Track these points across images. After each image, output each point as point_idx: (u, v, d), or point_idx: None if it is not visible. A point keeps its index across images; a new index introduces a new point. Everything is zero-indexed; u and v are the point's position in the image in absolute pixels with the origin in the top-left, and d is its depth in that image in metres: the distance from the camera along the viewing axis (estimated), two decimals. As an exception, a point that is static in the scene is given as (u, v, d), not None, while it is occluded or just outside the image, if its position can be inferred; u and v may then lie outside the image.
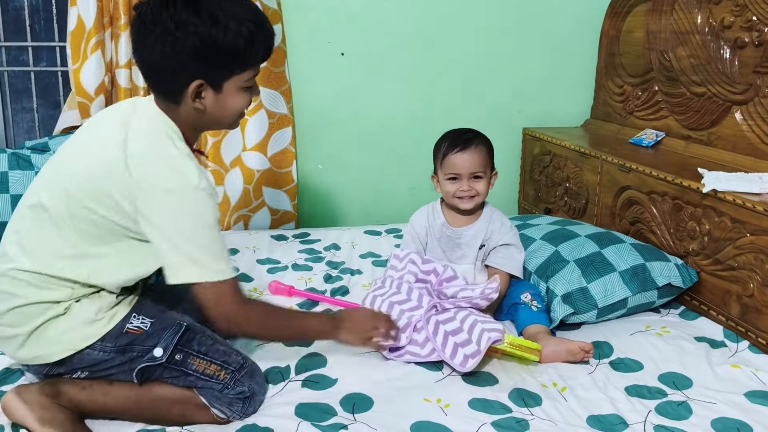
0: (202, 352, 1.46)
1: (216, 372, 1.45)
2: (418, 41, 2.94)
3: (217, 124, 1.46)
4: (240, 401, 1.45)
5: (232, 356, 1.49)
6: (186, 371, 1.44)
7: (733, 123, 2.21)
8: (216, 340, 1.51)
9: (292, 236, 2.67)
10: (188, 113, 1.41)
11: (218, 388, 1.44)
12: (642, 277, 1.92)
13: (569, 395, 1.56)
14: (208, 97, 1.38)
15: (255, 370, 1.52)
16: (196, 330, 1.49)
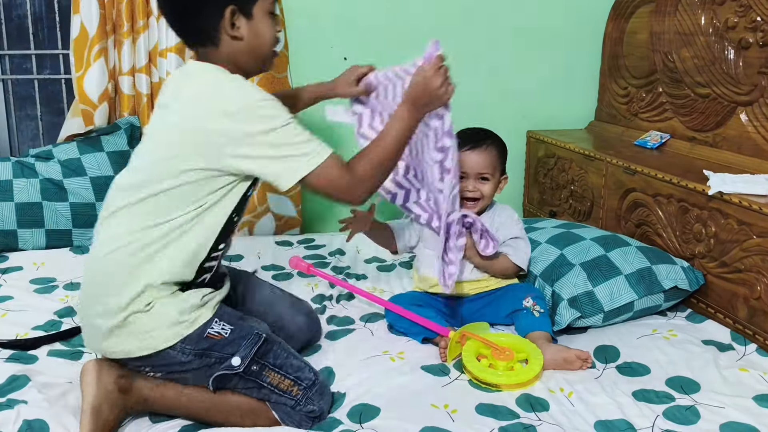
0: (277, 366, 1.47)
1: (289, 387, 1.46)
2: (420, 45, 2.92)
3: (256, 57, 1.50)
4: (309, 420, 1.46)
5: (305, 372, 1.50)
6: (261, 383, 1.46)
7: (739, 124, 2.20)
8: (290, 353, 1.51)
9: (296, 242, 2.67)
10: (228, 50, 1.46)
11: (290, 404, 1.46)
12: (648, 280, 1.91)
13: (576, 400, 1.56)
14: (242, 25, 1.44)
15: (325, 388, 1.53)
16: (273, 342, 1.50)
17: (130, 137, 2.65)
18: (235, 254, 2.50)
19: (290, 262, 2.19)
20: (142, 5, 2.60)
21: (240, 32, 1.45)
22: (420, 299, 1.92)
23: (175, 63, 2.61)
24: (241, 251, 2.53)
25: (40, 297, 2.09)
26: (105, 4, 2.56)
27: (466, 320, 1.88)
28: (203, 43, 1.47)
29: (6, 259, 2.39)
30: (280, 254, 2.51)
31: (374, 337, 1.85)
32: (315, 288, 2.19)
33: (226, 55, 1.46)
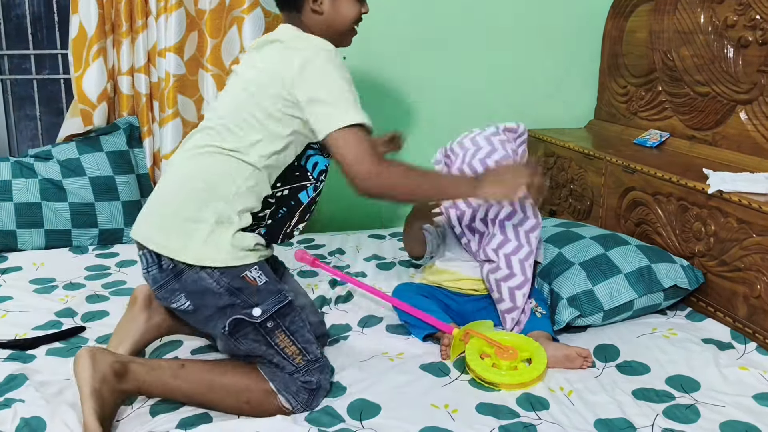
0: (290, 330, 1.51)
1: (294, 354, 1.50)
2: (419, 44, 2.94)
3: (334, 30, 1.58)
4: (306, 392, 1.49)
5: (313, 347, 1.53)
6: (270, 341, 1.50)
7: (738, 123, 2.20)
8: (306, 325, 1.55)
9: (296, 241, 2.67)
10: (307, 20, 1.57)
11: (290, 370, 1.49)
12: (648, 279, 1.91)
13: (576, 399, 1.56)
14: (325, 1, 1.55)
15: (326, 366, 1.57)
16: (295, 308, 1.54)
17: (129, 137, 2.65)
18: (235, 254, 2.49)
19: (296, 256, 2.18)
20: (140, 5, 2.60)
21: (321, 7, 1.55)
22: (425, 290, 1.93)
23: (174, 63, 2.61)
24: (241, 251, 2.52)
25: (39, 297, 2.09)
26: (104, 4, 2.56)
27: (469, 317, 1.88)
28: (289, 8, 1.59)
29: (5, 259, 2.39)
30: (279, 254, 2.50)
31: (373, 339, 1.84)
32: (315, 289, 2.18)
33: (305, 23, 1.58)
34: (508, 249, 1.81)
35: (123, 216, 2.58)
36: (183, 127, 2.69)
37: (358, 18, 1.61)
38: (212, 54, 2.70)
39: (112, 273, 2.31)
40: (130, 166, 2.63)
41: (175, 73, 2.62)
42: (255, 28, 2.67)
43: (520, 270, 1.79)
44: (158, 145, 2.73)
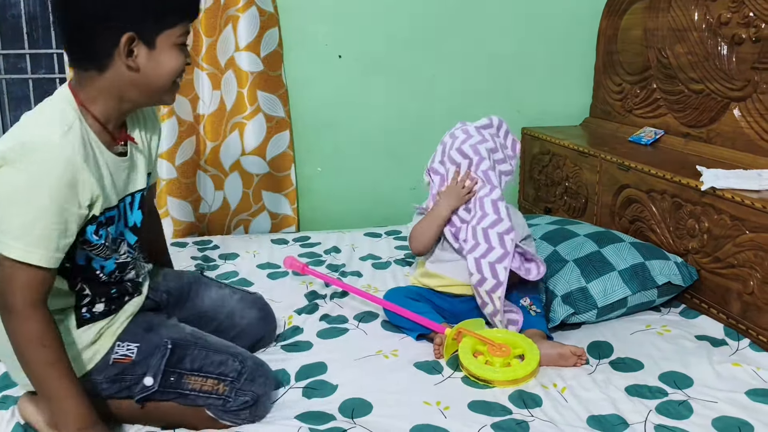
0: (195, 369, 1.42)
1: (214, 387, 1.42)
2: (415, 42, 2.94)
3: (151, 88, 1.34)
4: (246, 409, 1.43)
5: (228, 365, 1.44)
6: (182, 392, 1.41)
7: (732, 120, 2.20)
8: (210, 350, 1.46)
9: (292, 240, 2.67)
10: (117, 78, 1.31)
11: (219, 404, 1.42)
12: (642, 276, 1.91)
13: (569, 396, 1.56)
14: (141, 54, 1.30)
15: (255, 372, 1.47)
16: (187, 345, 1.45)
17: (125, 136, 2.65)
18: (231, 252, 2.50)
19: (285, 262, 2.20)
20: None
21: (137, 62, 1.30)
22: (416, 293, 1.93)
23: (169, 62, 2.61)
24: (236, 250, 2.53)
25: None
26: (98, 4, 2.56)
27: (461, 317, 1.88)
28: (85, 66, 1.31)
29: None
30: (275, 252, 2.51)
31: (368, 337, 1.85)
32: (309, 286, 2.19)
33: (110, 83, 1.31)
34: (477, 253, 1.78)
35: (119, 215, 2.57)
36: (179, 126, 2.69)
37: (181, 70, 1.36)
38: (207, 53, 2.70)
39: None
40: (125, 166, 2.63)
41: (170, 72, 2.62)
42: (250, 27, 2.67)
43: (490, 273, 1.75)
44: (154, 144, 2.73)
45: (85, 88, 1.32)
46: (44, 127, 1.25)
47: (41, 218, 1.21)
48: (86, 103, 1.32)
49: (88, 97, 1.32)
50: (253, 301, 1.80)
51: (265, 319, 1.80)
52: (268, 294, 2.12)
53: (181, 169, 2.74)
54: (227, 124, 2.79)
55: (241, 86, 2.74)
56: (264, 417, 1.47)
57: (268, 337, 1.81)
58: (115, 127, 1.38)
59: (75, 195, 1.25)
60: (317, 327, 1.91)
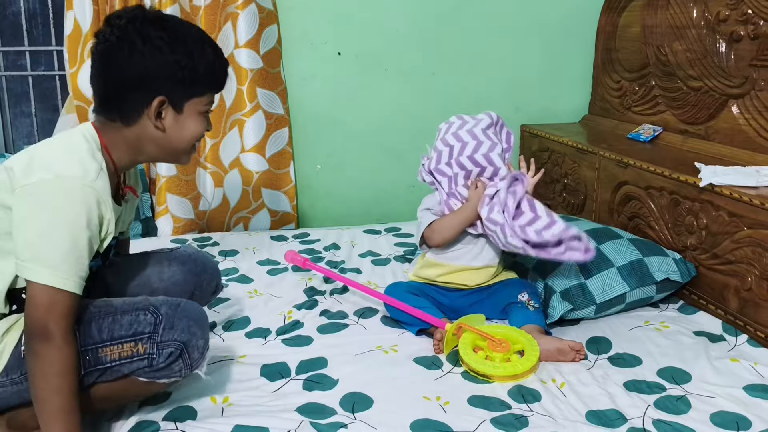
0: (107, 339, 1.33)
1: (132, 350, 1.33)
2: (414, 39, 2.94)
3: (171, 149, 1.43)
4: (177, 360, 1.35)
5: (140, 319, 1.34)
6: (104, 367, 1.34)
7: (730, 117, 2.21)
8: (116, 313, 1.36)
9: (291, 236, 2.68)
10: (141, 133, 1.39)
11: (144, 365, 1.34)
12: (640, 272, 1.92)
13: (568, 391, 1.57)
14: (169, 116, 1.39)
15: (174, 317, 1.35)
16: (90, 319, 1.35)
17: (125, 133, 2.66)
18: (230, 249, 2.51)
19: (286, 257, 2.20)
20: (135, 1, 2.60)
21: (164, 123, 1.38)
22: (417, 288, 1.93)
23: (169, 59, 2.61)
24: (236, 246, 2.53)
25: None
26: (99, 0, 2.56)
27: (461, 312, 1.89)
28: (113, 118, 1.38)
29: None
30: (274, 249, 2.52)
31: (368, 332, 1.86)
32: (309, 281, 2.20)
33: (133, 136, 1.39)
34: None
35: (118, 212, 2.58)
36: (178, 123, 2.70)
37: (201, 135, 1.45)
38: (207, 50, 2.70)
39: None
40: (125, 163, 2.63)
41: (169, 69, 2.63)
42: (249, 24, 2.68)
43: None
44: (153, 141, 2.74)
45: (109, 134, 1.39)
46: (80, 160, 1.31)
47: (76, 248, 1.27)
48: (108, 146, 1.39)
49: (110, 141, 1.39)
50: (174, 257, 1.70)
51: (192, 271, 1.69)
52: (268, 289, 2.14)
53: (180, 166, 2.74)
54: (227, 121, 2.79)
55: (241, 83, 2.74)
56: (203, 363, 1.40)
57: (203, 290, 1.71)
58: (121, 175, 1.47)
59: (99, 231, 1.33)
60: (317, 322, 1.92)
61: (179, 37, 1.36)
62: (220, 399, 1.53)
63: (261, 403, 1.51)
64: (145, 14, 1.36)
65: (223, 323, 1.91)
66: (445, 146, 1.90)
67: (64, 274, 1.25)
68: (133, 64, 1.33)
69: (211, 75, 1.42)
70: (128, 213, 1.57)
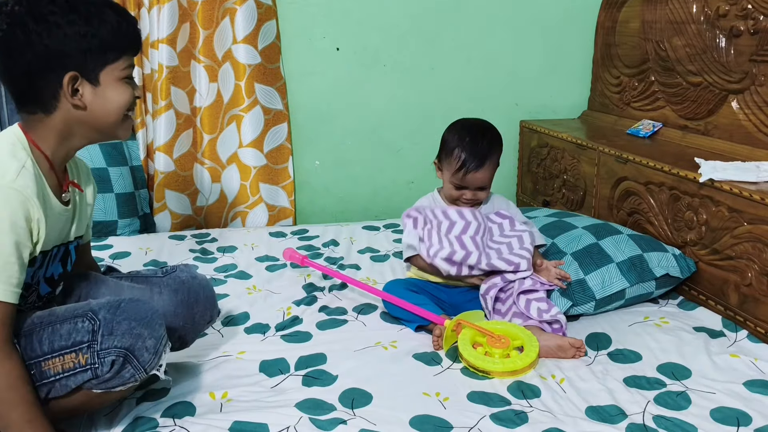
0: (48, 352, 1.26)
1: (73, 361, 1.25)
2: (413, 35, 2.93)
3: (102, 124, 1.34)
4: (125, 366, 1.27)
5: (78, 327, 1.27)
6: (51, 381, 1.27)
7: (730, 112, 2.20)
8: (55, 322, 1.28)
9: (290, 233, 2.67)
10: (66, 118, 1.31)
11: (90, 377, 1.26)
12: (640, 267, 1.91)
13: (568, 387, 1.56)
14: (86, 91, 1.30)
15: (112, 322, 1.27)
16: (31, 331, 1.28)
17: (123, 129, 2.65)
18: (229, 245, 2.50)
19: (284, 254, 2.20)
20: (132, -5, 2.59)
21: (83, 100, 1.30)
22: (415, 285, 1.93)
23: (167, 54, 2.60)
24: (235, 243, 2.53)
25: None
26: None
27: (460, 308, 1.89)
28: (32, 110, 1.31)
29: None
30: (273, 245, 2.51)
31: (367, 328, 1.86)
32: (308, 278, 2.19)
33: (59, 123, 1.31)
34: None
35: (117, 208, 2.58)
36: (176, 118, 2.69)
37: (131, 103, 1.35)
38: (204, 45, 2.70)
39: (119, 266, 2.30)
40: (123, 158, 2.63)
41: (167, 64, 2.62)
42: (247, 19, 2.67)
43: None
44: (151, 137, 2.73)
45: (34, 130, 1.32)
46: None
47: (2, 254, 1.20)
48: (37, 142, 1.32)
49: (37, 136, 1.32)
50: (166, 284, 1.57)
51: (184, 302, 1.55)
52: (267, 286, 2.13)
53: (178, 161, 2.73)
54: (225, 116, 2.78)
55: (239, 79, 2.73)
56: (159, 362, 1.32)
57: (195, 322, 1.58)
58: (60, 170, 1.38)
59: (29, 231, 1.25)
60: (316, 318, 1.91)
61: (74, 6, 1.27)
62: (218, 395, 1.52)
63: (260, 398, 1.50)
64: None
65: (222, 319, 1.91)
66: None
67: None
68: (32, 47, 1.25)
69: (118, 37, 1.31)
70: (81, 213, 1.46)
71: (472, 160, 1.84)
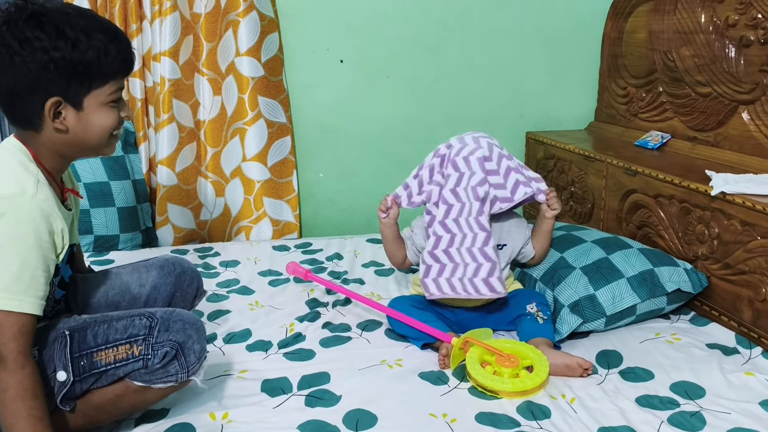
0: (102, 343, 1.33)
1: (127, 352, 1.33)
2: (417, 46, 2.91)
3: (86, 145, 1.34)
4: (173, 362, 1.34)
5: (136, 323, 1.35)
6: (100, 371, 1.33)
7: (740, 123, 2.16)
8: (110, 320, 1.36)
9: (293, 246, 2.63)
10: (51, 138, 1.31)
11: (140, 366, 1.33)
12: (651, 282, 1.87)
13: (578, 407, 1.52)
14: (69, 116, 1.29)
15: (168, 321, 1.36)
16: (85, 326, 1.35)
17: (125, 142, 2.63)
18: (232, 259, 2.47)
19: (287, 268, 2.16)
20: (135, 9, 2.57)
21: (65, 123, 1.29)
22: (420, 302, 1.89)
23: (169, 67, 2.58)
24: (237, 257, 2.49)
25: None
26: (97, 8, 2.53)
27: (467, 325, 1.85)
28: (25, 126, 1.32)
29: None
30: (276, 259, 2.48)
31: (371, 346, 1.82)
32: (311, 293, 2.15)
33: (48, 141, 1.32)
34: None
35: (118, 222, 2.55)
36: (179, 132, 2.66)
37: (113, 126, 1.34)
38: (208, 58, 2.68)
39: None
40: (125, 172, 2.60)
41: (170, 77, 2.60)
42: (250, 32, 2.64)
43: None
44: (154, 150, 2.71)
45: (31, 143, 1.33)
46: (14, 178, 1.26)
47: (28, 267, 1.23)
48: (37, 155, 1.33)
49: (36, 150, 1.33)
50: (151, 263, 1.66)
51: (171, 272, 1.65)
52: (269, 301, 2.10)
53: (181, 175, 2.71)
54: (228, 129, 2.75)
55: (242, 92, 2.71)
56: (200, 370, 1.38)
57: (183, 291, 1.67)
58: (59, 179, 1.40)
59: (53, 243, 1.28)
60: (320, 335, 1.87)
61: (62, 31, 1.25)
62: (219, 415, 1.48)
63: (262, 419, 1.47)
64: (22, 13, 1.25)
65: (224, 335, 1.87)
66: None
67: (13, 295, 1.21)
68: (16, 70, 1.24)
69: (106, 63, 1.29)
70: (76, 215, 1.50)
71: None
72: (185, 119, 2.69)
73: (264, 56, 2.70)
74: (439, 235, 1.84)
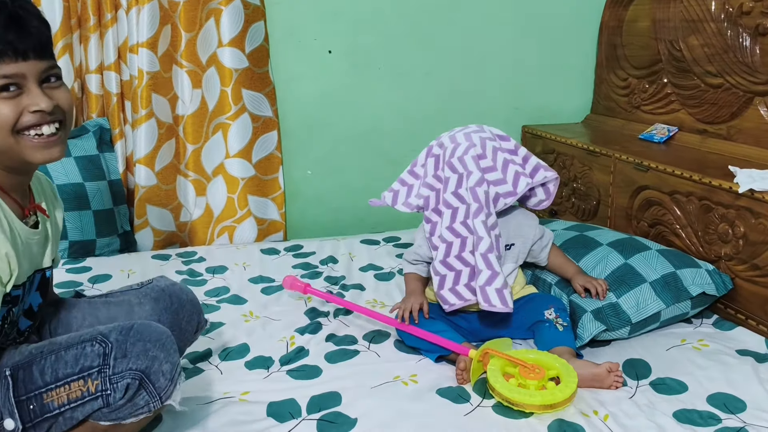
0: (51, 382, 1.14)
1: (82, 389, 1.13)
2: (409, 37, 2.77)
3: None
4: (139, 392, 1.15)
5: (87, 352, 1.15)
6: (53, 414, 1.14)
7: (756, 115, 2.07)
8: (58, 350, 1.17)
9: (283, 249, 2.48)
10: None
11: (101, 405, 1.14)
12: (674, 286, 1.76)
13: (613, 424, 1.40)
14: None
15: (125, 344, 1.15)
16: (30, 362, 1.16)
17: (99, 140, 2.44)
18: (219, 265, 2.31)
19: (284, 283, 2.00)
20: (109, -3, 2.39)
21: None
22: (431, 310, 1.76)
23: (147, 59, 2.41)
24: (224, 262, 2.33)
25: None
26: (68, -4, 2.35)
27: (481, 333, 1.73)
28: None
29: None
30: (267, 264, 2.33)
31: (381, 360, 1.68)
32: (308, 302, 2.01)
33: None
34: None
35: (94, 226, 2.37)
36: (158, 128, 2.49)
37: (12, 122, 1.11)
38: (187, 49, 2.51)
39: (85, 289, 2.10)
40: (101, 172, 2.42)
41: (148, 70, 2.42)
42: (234, 21, 2.48)
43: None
44: (131, 148, 2.53)
45: None
46: None
47: None
48: None
49: None
50: (145, 293, 1.45)
51: (168, 309, 1.44)
52: (264, 311, 1.95)
53: (160, 174, 2.53)
54: (209, 125, 2.59)
55: (225, 84, 2.54)
56: (175, 391, 1.19)
57: (182, 329, 1.46)
58: (20, 196, 1.21)
59: None
60: (324, 348, 1.73)
61: None
62: (224, 446, 1.34)
63: (271, 449, 1.33)
64: None
65: (220, 352, 1.72)
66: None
67: None
68: None
69: None
70: (54, 235, 1.31)
71: None
72: (164, 114, 2.52)
73: (248, 46, 2.53)
74: (449, 241, 1.71)
